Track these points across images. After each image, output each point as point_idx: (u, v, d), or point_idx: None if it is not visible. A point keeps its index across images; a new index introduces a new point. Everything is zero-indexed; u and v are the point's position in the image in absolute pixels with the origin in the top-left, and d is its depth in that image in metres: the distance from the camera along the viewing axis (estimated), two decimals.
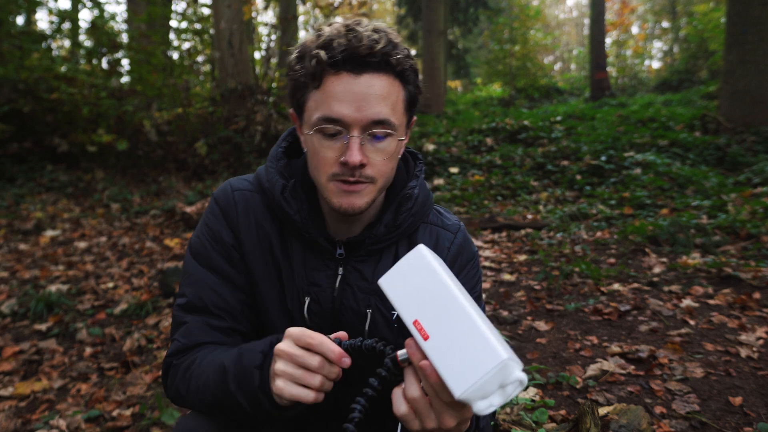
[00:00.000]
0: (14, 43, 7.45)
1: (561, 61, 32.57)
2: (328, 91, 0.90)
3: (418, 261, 0.73)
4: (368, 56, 0.88)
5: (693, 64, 15.85)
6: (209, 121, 8.01)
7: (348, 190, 0.93)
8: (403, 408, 0.72)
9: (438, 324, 0.67)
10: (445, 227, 1.09)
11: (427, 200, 1.07)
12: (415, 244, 1.03)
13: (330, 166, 0.92)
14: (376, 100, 0.89)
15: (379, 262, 1.04)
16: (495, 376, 0.62)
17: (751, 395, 1.99)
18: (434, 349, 0.66)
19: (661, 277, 3.36)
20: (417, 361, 0.70)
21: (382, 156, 0.93)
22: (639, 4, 24.44)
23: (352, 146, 0.89)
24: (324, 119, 0.90)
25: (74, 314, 3.25)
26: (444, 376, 0.65)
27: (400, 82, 0.94)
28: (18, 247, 4.74)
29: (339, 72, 0.89)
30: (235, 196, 1.05)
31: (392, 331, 1.03)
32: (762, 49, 6.71)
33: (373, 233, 1.01)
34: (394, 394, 0.73)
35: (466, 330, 0.65)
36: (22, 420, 2.20)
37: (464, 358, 0.64)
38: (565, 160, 7.20)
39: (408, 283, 0.72)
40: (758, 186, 5.35)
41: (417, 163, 1.09)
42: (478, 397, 0.63)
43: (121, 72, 8.64)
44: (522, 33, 17.45)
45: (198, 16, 9.26)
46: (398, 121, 0.93)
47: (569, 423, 1.76)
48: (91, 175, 7.11)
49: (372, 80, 0.89)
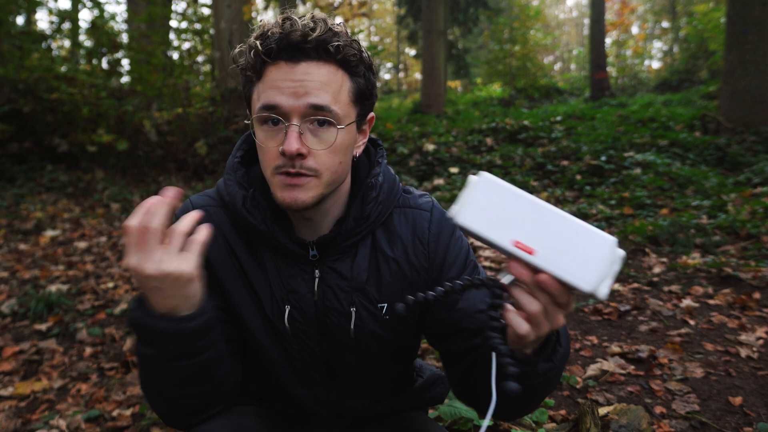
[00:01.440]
0: (14, 43, 7.45)
1: (561, 61, 32.57)
2: (267, 81, 0.89)
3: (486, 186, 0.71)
4: (303, 43, 0.86)
5: (693, 64, 15.85)
6: (209, 121, 8.01)
7: (290, 183, 0.89)
8: (525, 326, 0.72)
9: (537, 236, 0.68)
10: (419, 207, 1.05)
11: (394, 185, 1.03)
12: (391, 230, 1.02)
13: (273, 158, 0.90)
14: (314, 87, 0.87)
15: (356, 257, 1.01)
16: (610, 259, 0.66)
17: (751, 395, 1.99)
18: (545, 259, 0.67)
19: (661, 277, 3.36)
20: (528, 278, 0.69)
21: (323, 146, 0.89)
22: (639, 4, 24.44)
23: (290, 134, 0.87)
24: (262, 107, 0.89)
25: (74, 314, 3.25)
26: (567, 279, 0.67)
27: (344, 72, 0.91)
28: (18, 247, 4.74)
29: (276, 62, 0.88)
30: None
31: (380, 324, 1.01)
32: (762, 49, 6.71)
33: (342, 229, 0.97)
34: (511, 320, 0.72)
35: (566, 230, 0.67)
36: (22, 420, 2.20)
37: (578, 255, 0.66)
38: (565, 160, 7.20)
39: (486, 210, 0.71)
40: (758, 186, 5.34)
41: (378, 149, 1.06)
42: (601, 282, 0.66)
43: (121, 72, 8.64)
44: (522, 33, 17.43)
45: (198, 16, 9.25)
46: (342, 111, 0.90)
47: (569, 423, 1.76)
48: (91, 175, 7.11)
49: (309, 68, 0.87)
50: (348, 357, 1.04)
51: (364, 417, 1.14)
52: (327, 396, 1.08)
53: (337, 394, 1.09)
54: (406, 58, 31.28)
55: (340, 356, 1.04)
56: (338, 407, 1.10)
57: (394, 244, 1.02)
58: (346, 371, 1.06)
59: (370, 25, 32.88)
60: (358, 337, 1.01)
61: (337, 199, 0.99)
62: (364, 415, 1.14)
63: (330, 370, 1.06)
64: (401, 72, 32.42)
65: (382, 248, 1.01)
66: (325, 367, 1.05)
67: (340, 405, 1.10)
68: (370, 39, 32.13)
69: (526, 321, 0.72)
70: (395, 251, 1.01)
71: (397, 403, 1.17)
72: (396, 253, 1.01)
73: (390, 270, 1.01)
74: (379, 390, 1.12)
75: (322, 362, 1.05)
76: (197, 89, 8.58)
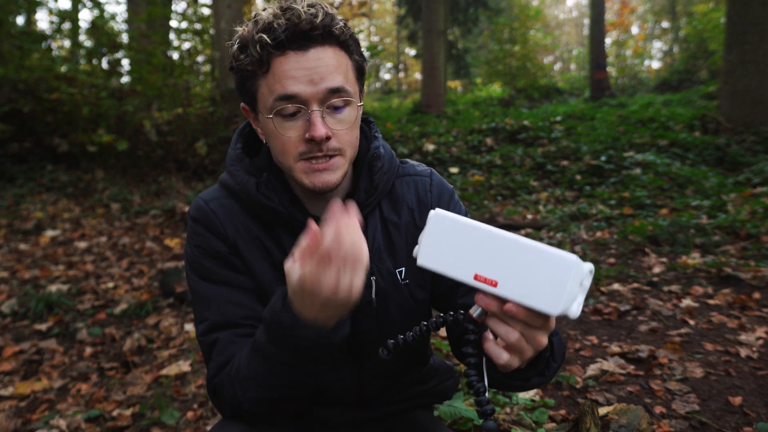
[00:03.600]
0: (14, 43, 7.45)
1: (561, 61, 32.57)
2: (279, 73, 0.89)
3: (442, 223, 0.72)
4: (310, 30, 0.88)
5: (693, 64, 15.84)
6: (209, 121, 8.00)
7: (318, 168, 0.92)
8: (505, 355, 0.72)
9: (498, 266, 0.68)
10: (418, 174, 1.10)
11: (393, 156, 1.08)
12: (395, 198, 1.06)
13: (295, 146, 0.92)
14: (328, 71, 0.89)
15: (367, 228, 1.03)
16: (575, 279, 0.64)
17: (750, 395, 1.99)
18: (508, 289, 0.67)
19: (661, 277, 3.36)
20: (496, 308, 0.69)
21: (345, 126, 0.93)
22: (639, 4, 24.44)
23: (315, 120, 0.89)
24: (281, 98, 0.89)
25: (74, 314, 3.25)
26: (534, 306, 0.66)
27: (345, 52, 0.94)
28: (18, 247, 4.74)
29: (285, 52, 0.89)
30: (211, 206, 1.03)
31: (400, 290, 1.04)
32: (762, 49, 6.71)
33: (356, 201, 0.98)
34: (490, 351, 0.72)
35: (526, 256, 0.66)
36: (22, 420, 2.20)
37: (541, 280, 0.65)
38: (565, 160, 7.20)
39: (444, 247, 0.71)
40: (758, 186, 5.34)
41: (371, 126, 1.10)
42: (570, 303, 0.65)
43: (121, 72, 8.63)
44: (522, 33, 17.43)
45: (198, 16, 9.25)
46: (352, 89, 0.94)
47: (569, 423, 1.76)
48: (91, 175, 7.10)
49: (319, 53, 0.89)
50: (371, 330, 1.05)
51: (382, 400, 1.15)
52: (351, 378, 1.10)
53: (359, 375, 1.10)
54: (406, 58, 31.28)
55: (364, 330, 1.05)
56: (359, 390, 1.11)
57: (400, 210, 1.06)
58: (368, 346, 1.07)
59: (370, 25, 32.87)
60: (379, 306, 1.03)
61: (348, 175, 1.03)
62: (381, 398, 1.15)
63: (353, 347, 1.07)
64: (401, 72, 32.42)
65: (390, 217, 1.05)
66: (348, 343, 1.06)
67: (362, 387, 1.11)
68: (370, 39, 32.13)
69: (506, 351, 0.72)
70: (402, 217, 1.05)
71: (413, 386, 1.19)
72: (403, 219, 1.05)
73: (401, 235, 1.05)
74: (395, 366, 1.13)
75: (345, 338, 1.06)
76: (197, 89, 8.58)
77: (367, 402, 1.14)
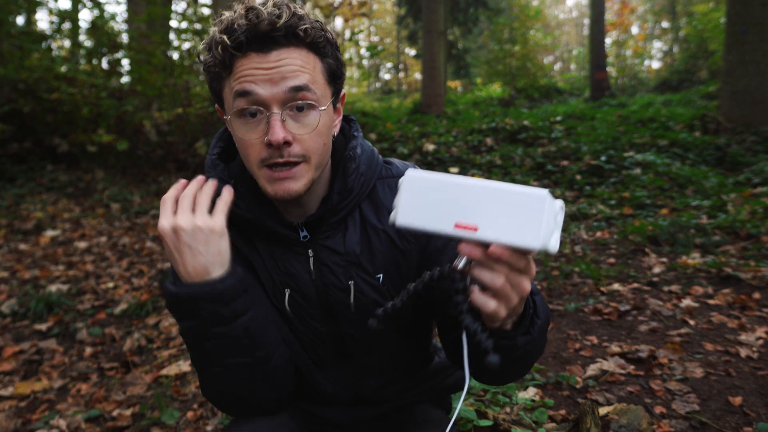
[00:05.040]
0: (14, 43, 7.44)
1: (561, 61, 32.57)
2: (239, 74, 0.87)
3: (415, 183, 0.74)
4: (272, 32, 0.85)
5: (693, 64, 15.84)
6: (209, 121, 8.00)
7: (280, 177, 0.89)
8: (493, 303, 0.73)
9: (475, 212, 0.70)
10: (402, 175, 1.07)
11: (373, 157, 1.04)
12: (377, 202, 1.03)
13: (257, 151, 0.89)
14: (290, 71, 0.86)
15: (346, 232, 1.01)
16: (549, 212, 0.68)
17: (751, 395, 1.99)
18: (489, 231, 0.69)
19: (661, 277, 3.36)
20: (480, 254, 0.70)
21: (307, 130, 0.89)
22: (639, 4, 24.44)
23: (273, 124, 0.86)
24: (238, 96, 0.87)
25: (74, 314, 3.25)
26: (515, 243, 0.68)
27: (315, 54, 0.90)
28: (18, 247, 4.74)
29: (247, 54, 0.86)
30: None
31: (380, 294, 1.02)
32: (762, 49, 6.71)
33: (329, 206, 0.98)
34: (477, 300, 0.73)
35: (500, 198, 0.69)
36: (22, 420, 2.20)
37: (518, 218, 0.68)
38: (565, 160, 7.20)
39: (421, 205, 0.73)
40: (758, 186, 5.34)
41: (351, 124, 1.06)
42: (548, 238, 0.68)
43: (121, 72, 8.63)
44: (522, 33, 17.43)
45: (198, 16, 9.24)
46: (320, 92, 0.90)
47: (569, 423, 1.76)
48: (91, 175, 7.10)
49: (282, 54, 0.86)
50: (354, 333, 1.05)
51: (382, 398, 1.14)
52: (342, 377, 1.10)
53: (352, 375, 1.10)
54: (406, 58, 31.26)
55: (347, 333, 1.05)
56: (355, 389, 1.11)
57: (381, 215, 1.02)
58: (355, 349, 1.07)
59: (370, 25, 32.87)
60: (359, 310, 1.02)
61: (320, 179, 1.00)
62: (382, 396, 1.14)
63: (340, 349, 1.07)
64: (401, 72, 32.40)
65: (370, 221, 1.02)
66: (334, 346, 1.07)
67: (356, 386, 1.11)
68: (370, 39, 32.12)
69: (493, 298, 0.73)
70: (383, 222, 1.02)
71: (416, 384, 1.17)
72: (384, 224, 1.02)
73: (381, 241, 1.01)
74: (392, 367, 1.12)
75: (330, 342, 1.06)
76: (197, 89, 8.56)
77: (366, 400, 1.14)
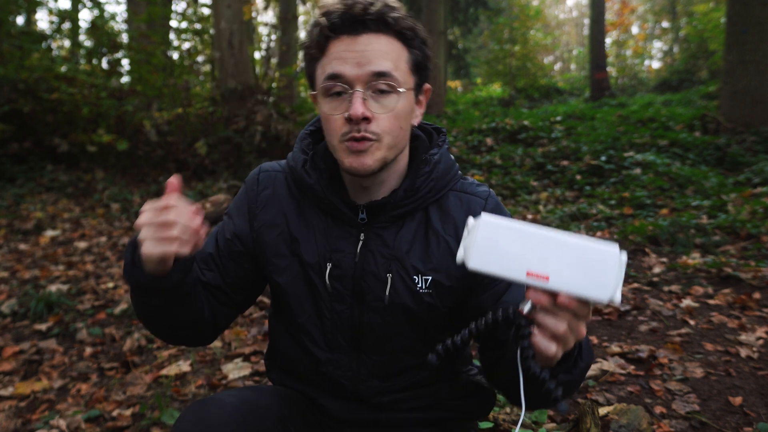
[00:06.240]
0: (14, 43, 7.44)
1: (561, 61, 32.55)
2: (331, 55, 0.95)
3: (490, 227, 0.76)
4: (364, 16, 0.93)
5: (693, 64, 15.84)
6: (209, 121, 8.00)
7: (356, 149, 0.95)
8: (553, 346, 0.76)
9: (547, 262, 0.73)
10: (475, 194, 1.10)
11: (452, 168, 1.08)
12: (446, 211, 1.07)
13: (339, 126, 0.96)
14: (376, 56, 0.94)
15: (401, 229, 1.05)
16: (620, 265, 0.71)
17: (751, 395, 1.99)
18: (560, 281, 0.72)
19: (661, 277, 3.36)
20: (547, 302, 0.73)
21: (386, 110, 0.95)
22: (639, 4, 24.43)
23: (354, 100, 0.93)
24: (328, 78, 0.95)
25: (74, 314, 3.25)
26: (585, 295, 0.72)
27: (402, 43, 0.97)
28: (18, 247, 4.74)
29: (339, 36, 0.95)
30: (260, 177, 1.13)
31: (413, 296, 1.04)
32: (762, 49, 6.71)
33: (392, 198, 1.02)
34: (539, 344, 0.76)
35: (572, 251, 0.72)
36: (22, 420, 2.20)
37: (588, 271, 0.71)
38: (565, 160, 7.20)
39: (493, 250, 0.76)
40: (758, 186, 5.34)
41: (440, 135, 1.13)
42: (616, 290, 0.71)
43: (121, 72, 8.63)
44: (522, 33, 17.45)
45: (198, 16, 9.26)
46: (402, 78, 0.96)
47: (569, 423, 1.76)
48: (91, 175, 7.10)
49: (371, 39, 0.94)
50: (375, 326, 1.06)
51: (379, 404, 1.12)
52: (348, 365, 1.10)
53: (357, 368, 1.09)
54: None
55: (368, 324, 1.06)
56: (355, 383, 1.10)
57: (446, 223, 1.06)
58: (371, 342, 1.08)
59: None
60: (390, 305, 1.04)
61: (394, 170, 1.05)
62: (379, 402, 1.12)
63: (355, 338, 1.08)
64: None
65: (434, 226, 1.05)
66: (351, 333, 1.08)
67: (357, 381, 1.10)
68: None
69: (552, 341, 0.76)
70: (447, 230, 1.05)
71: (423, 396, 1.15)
72: (447, 233, 1.05)
73: (439, 247, 1.04)
74: (400, 372, 1.11)
75: (349, 327, 1.07)
76: (197, 89, 8.58)
77: (363, 400, 1.12)
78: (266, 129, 7.55)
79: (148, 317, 1.03)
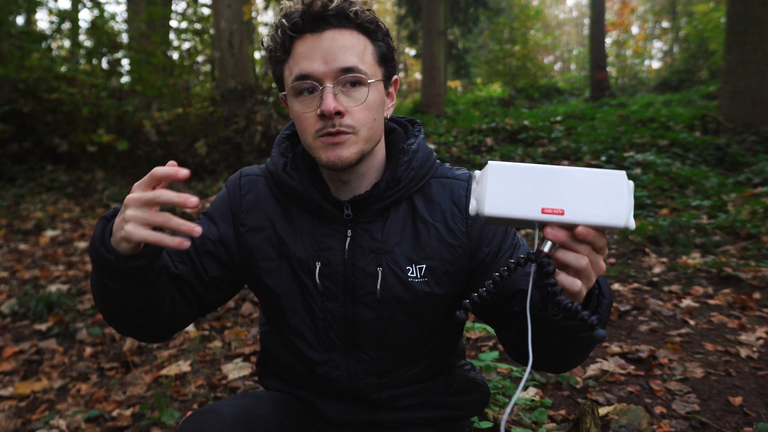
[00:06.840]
0: (14, 43, 7.44)
1: (561, 61, 32.56)
2: (296, 55, 0.96)
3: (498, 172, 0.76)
4: (325, 12, 0.94)
5: (693, 64, 15.84)
6: (209, 121, 8.00)
7: (331, 142, 0.95)
8: (578, 282, 0.75)
9: (560, 196, 0.72)
10: (456, 177, 1.11)
11: (430, 156, 1.09)
12: (430, 198, 1.07)
13: (312, 124, 0.96)
14: (341, 51, 0.94)
15: (386, 221, 1.05)
16: (629, 191, 0.72)
17: (751, 395, 1.99)
18: (576, 213, 0.72)
19: (661, 277, 3.36)
20: (566, 237, 0.73)
21: (357, 103, 0.96)
22: (639, 4, 24.43)
23: (325, 96, 0.93)
24: (295, 78, 0.96)
25: (74, 314, 3.25)
26: (602, 222, 0.72)
27: (365, 36, 0.98)
28: (18, 247, 4.74)
29: (302, 35, 0.96)
30: (242, 181, 1.13)
31: (406, 288, 1.04)
32: (762, 49, 6.71)
33: (375, 190, 1.03)
34: (564, 281, 0.75)
35: (582, 181, 0.72)
36: (22, 420, 2.20)
37: (601, 199, 0.71)
38: (565, 160, 7.20)
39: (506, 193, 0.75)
40: (758, 186, 5.34)
41: (415, 126, 1.14)
42: (629, 215, 0.72)
43: (121, 72, 8.64)
44: (522, 33, 17.44)
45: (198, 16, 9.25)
46: (369, 70, 0.97)
47: (569, 423, 1.76)
48: (91, 175, 7.10)
49: (334, 34, 0.95)
50: (370, 322, 1.06)
51: (377, 402, 1.12)
52: (345, 365, 1.09)
53: (354, 366, 1.09)
54: (406, 58, 31.26)
55: (363, 320, 1.06)
56: (353, 382, 1.10)
57: (433, 210, 1.06)
58: (366, 338, 1.07)
59: None
60: (382, 299, 1.04)
61: (373, 163, 1.06)
62: (377, 399, 1.12)
63: (350, 335, 1.07)
64: (401, 72, 32.42)
65: (422, 214, 1.06)
66: (346, 330, 1.07)
67: (355, 379, 1.10)
68: None
69: (576, 278, 0.75)
70: (434, 217, 1.06)
71: (419, 393, 1.15)
72: (435, 219, 1.06)
73: (429, 234, 1.05)
74: (397, 367, 1.11)
75: (343, 325, 1.07)
76: (197, 89, 8.58)
77: (361, 399, 1.12)
78: (266, 129, 7.56)
79: (104, 299, 0.98)
